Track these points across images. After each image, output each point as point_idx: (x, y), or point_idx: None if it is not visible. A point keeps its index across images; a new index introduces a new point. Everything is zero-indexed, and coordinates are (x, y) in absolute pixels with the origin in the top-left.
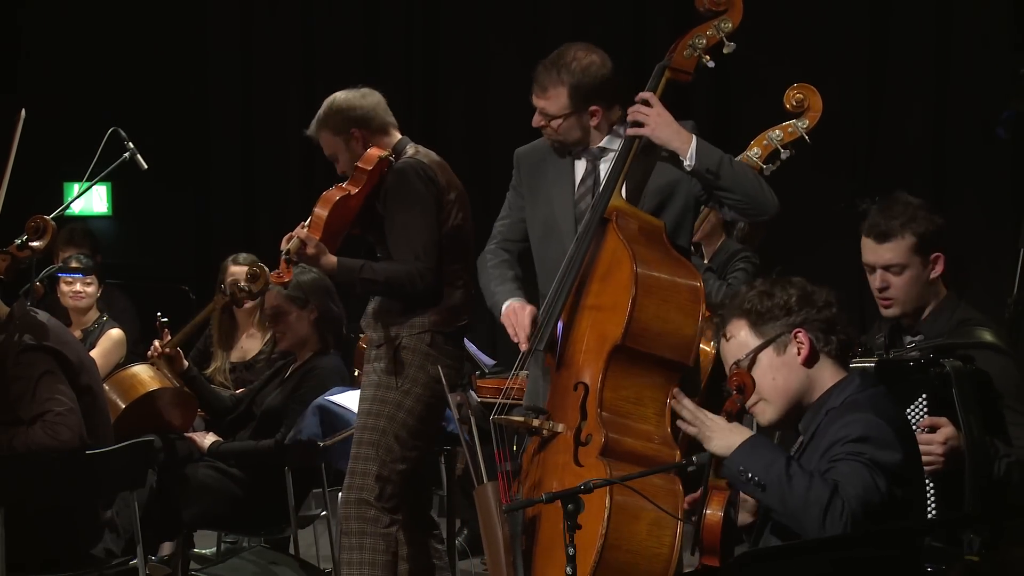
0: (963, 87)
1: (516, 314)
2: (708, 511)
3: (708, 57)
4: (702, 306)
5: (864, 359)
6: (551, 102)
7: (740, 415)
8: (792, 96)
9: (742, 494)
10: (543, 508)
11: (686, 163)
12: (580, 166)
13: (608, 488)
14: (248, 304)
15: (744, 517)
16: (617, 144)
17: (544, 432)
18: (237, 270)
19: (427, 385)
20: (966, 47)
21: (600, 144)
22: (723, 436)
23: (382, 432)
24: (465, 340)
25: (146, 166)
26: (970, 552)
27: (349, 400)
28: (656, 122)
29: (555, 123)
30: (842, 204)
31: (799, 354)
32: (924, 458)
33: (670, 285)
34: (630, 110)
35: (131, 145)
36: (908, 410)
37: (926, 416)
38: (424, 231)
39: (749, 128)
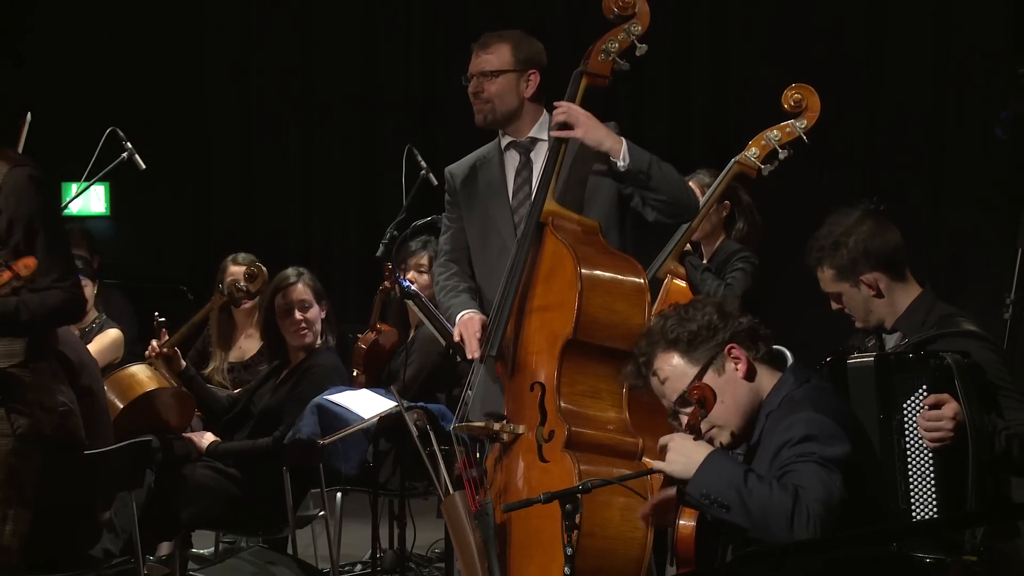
0: (961, 87)
1: (466, 326)
2: (681, 522)
3: (623, 61)
4: (647, 296)
5: (863, 355)
6: (493, 57)
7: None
8: (790, 96)
9: None
10: (515, 512)
11: (620, 164)
12: (511, 159)
13: (578, 478)
14: (246, 304)
15: None
16: (546, 135)
17: (505, 436)
18: (236, 270)
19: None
20: (964, 47)
21: (530, 134)
22: (683, 459)
23: None
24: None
25: (144, 166)
26: (972, 543)
27: (348, 399)
28: (587, 124)
29: (494, 84)
30: (840, 205)
31: (738, 369)
32: (934, 434)
33: (612, 278)
34: (555, 112)
35: (129, 145)
36: (908, 401)
37: (928, 396)
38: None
39: (747, 128)
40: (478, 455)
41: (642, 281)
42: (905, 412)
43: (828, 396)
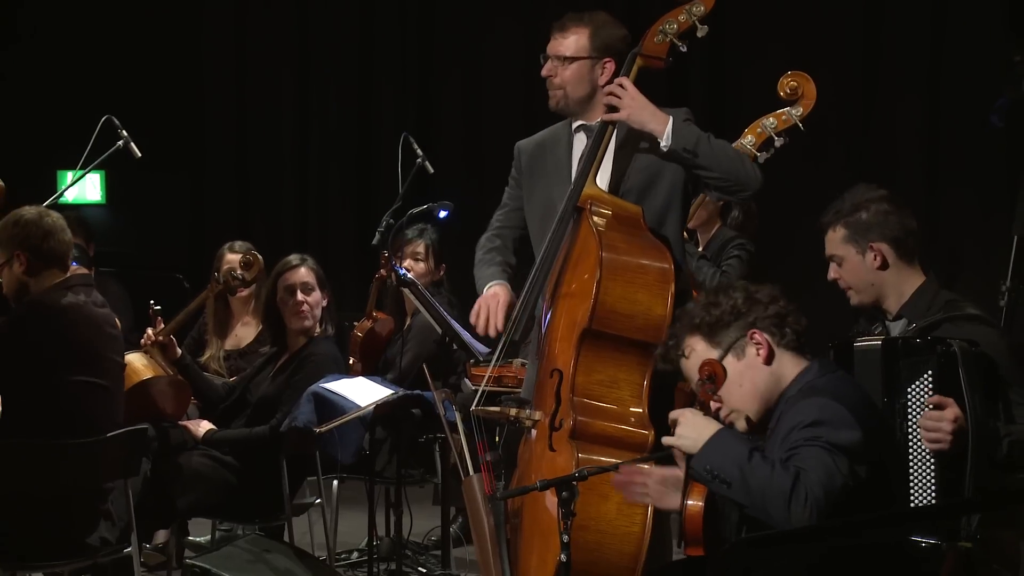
0: (957, 74)
1: (490, 300)
2: (689, 501)
3: (682, 42)
4: (671, 287)
5: (871, 339)
6: (570, 42)
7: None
8: (786, 84)
9: None
10: (524, 497)
11: (662, 144)
12: (579, 143)
13: (575, 468)
14: (242, 292)
15: None
16: None
17: (525, 422)
18: (232, 258)
19: None
20: (960, 34)
21: (601, 119)
22: (692, 433)
23: None
24: (458, 327)
25: (140, 154)
26: (968, 530)
27: (344, 387)
28: (631, 105)
29: (568, 69)
30: (837, 192)
31: (759, 354)
32: (931, 434)
33: (637, 267)
34: (604, 90)
35: (125, 133)
36: (912, 387)
37: (932, 394)
38: None
39: (743, 116)
40: (497, 439)
41: (668, 268)
42: (909, 397)
43: (849, 386)
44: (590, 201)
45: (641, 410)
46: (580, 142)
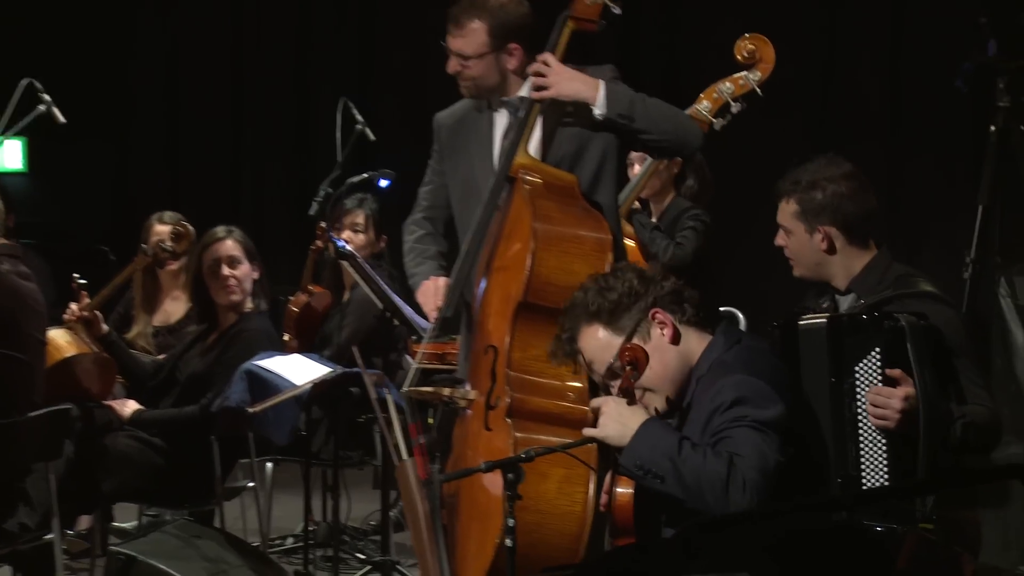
0: (920, 37)
1: (428, 290)
2: (618, 489)
3: (614, 3)
4: (608, 256)
5: (815, 316)
6: (468, 40)
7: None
8: (743, 47)
9: None
10: (460, 481)
11: (596, 112)
12: (501, 120)
13: (512, 447)
14: (172, 265)
15: None
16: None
17: (459, 401)
18: (161, 229)
19: None
20: None
21: (520, 93)
22: (617, 425)
23: None
24: (399, 301)
25: (63, 119)
26: (923, 512)
27: (279, 365)
28: (557, 80)
29: (472, 65)
30: (796, 160)
31: (664, 334)
32: (878, 411)
33: (572, 237)
34: (530, 68)
35: (47, 97)
36: (860, 365)
37: (881, 372)
38: None
39: (698, 80)
40: (430, 420)
41: (604, 238)
42: (857, 376)
43: (760, 356)
44: (522, 171)
45: (580, 384)
46: (501, 119)
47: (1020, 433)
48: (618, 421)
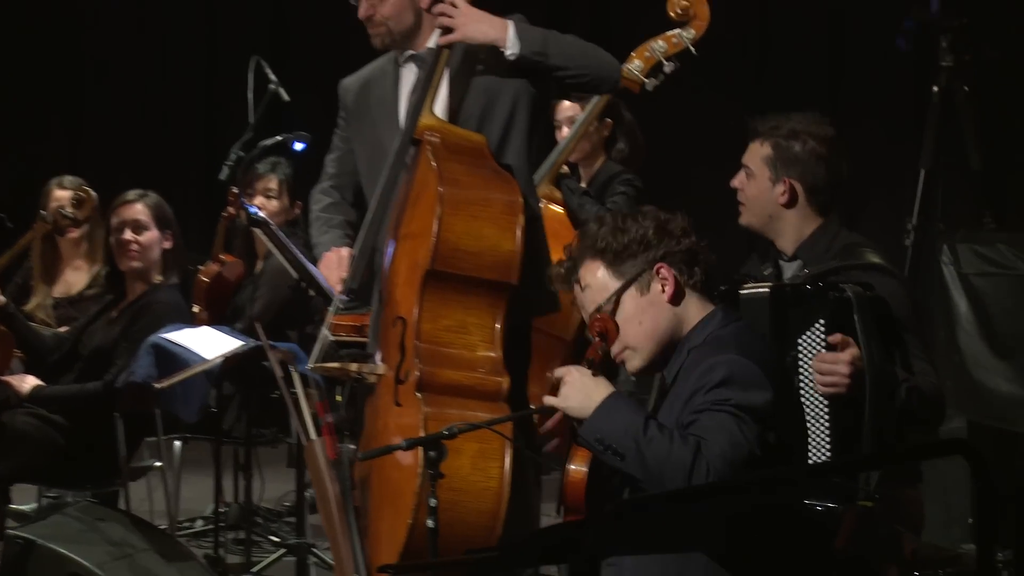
0: None
1: (331, 261)
2: (571, 466)
3: None
4: (519, 219)
5: (757, 285)
6: None
7: (604, 363)
8: (677, 3)
9: None
10: (371, 461)
11: (508, 52)
12: (408, 77)
13: (422, 423)
14: (73, 232)
15: None
16: None
17: (368, 377)
18: (61, 194)
19: None
20: None
21: (429, 44)
22: (580, 396)
23: None
24: (315, 271)
25: None
26: (866, 490)
27: (188, 338)
28: (464, 21)
29: (384, 5)
30: (731, 123)
31: (664, 291)
32: (826, 377)
33: (481, 200)
34: (434, 9)
35: None
36: (804, 337)
37: (825, 344)
38: None
39: (630, 38)
40: (339, 398)
41: (515, 200)
42: (800, 349)
43: (757, 340)
44: (427, 132)
45: (494, 355)
46: (409, 75)
47: (963, 407)
48: (581, 391)
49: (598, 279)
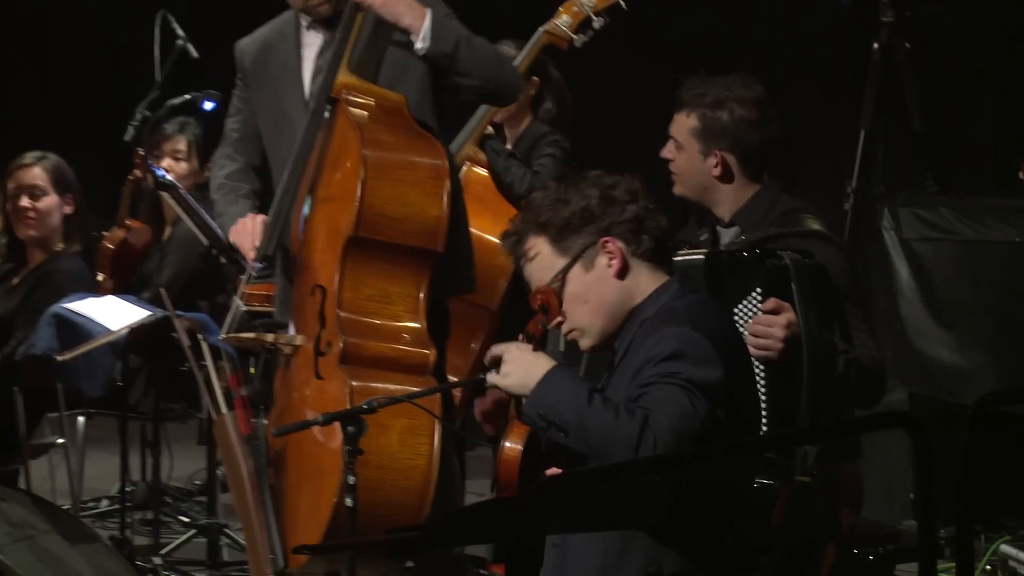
0: None
1: (245, 228)
2: (506, 444)
3: None
4: (446, 184)
5: (691, 252)
6: None
7: (544, 338)
8: None
9: None
10: (287, 436)
11: (418, 45)
12: (313, 39)
13: (348, 397)
14: None
15: None
16: None
17: (284, 349)
18: None
19: None
20: None
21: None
22: (521, 372)
23: None
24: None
25: None
26: (803, 465)
27: (92, 308)
28: None
29: None
30: (662, 81)
31: (610, 266)
32: (760, 340)
33: (406, 164)
34: None
35: None
36: (740, 306)
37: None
38: None
39: None
40: (252, 370)
41: (441, 164)
42: (737, 319)
43: (713, 313)
44: (345, 90)
45: (419, 326)
46: (313, 39)
47: (904, 378)
48: (521, 367)
49: (543, 256)
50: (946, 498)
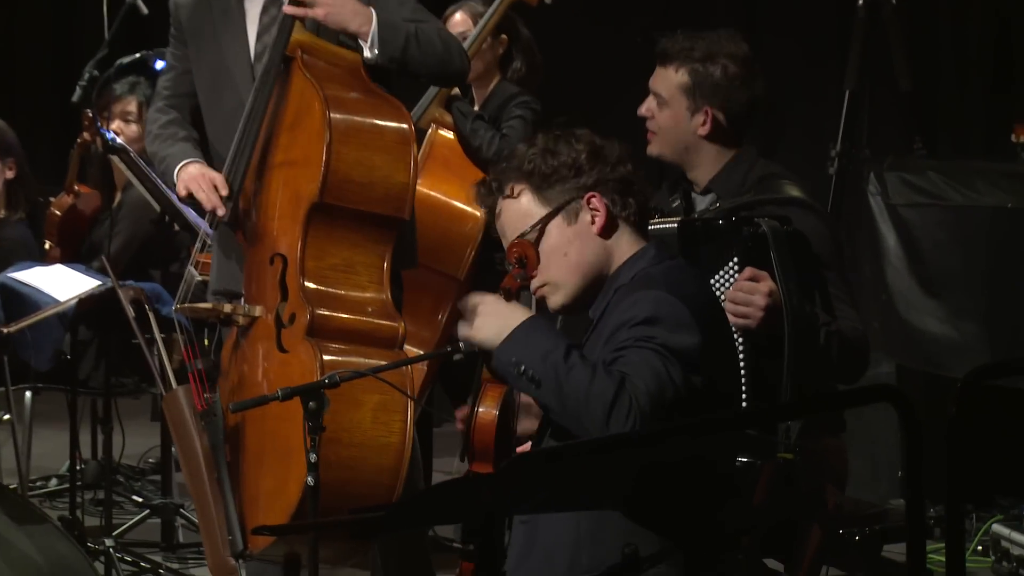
0: None
1: (196, 178)
2: (481, 408)
3: None
4: (412, 148)
5: (664, 220)
6: None
7: (520, 293)
8: None
9: (524, 396)
10: (244, 412)
11: (366, 54)
12: None
13: (319, 372)
14: None
15: (527, 424)
16: None
17: (240, 320)
18: None
19: None
20: None
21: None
22: (497, 322)
23: None
24: (181, 203)
25: None
26: (786, 442)
27: (38, 277)
28: (330, 4)
29: None
30: (638, 39)
31: (593, 223)
32: (740, 308)
33: (371, 127)
34: None
35: None
36: (717, 277)
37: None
38: None
39: None
40: (207, 343)
41: (406, 128)
42: (713, 289)
43: (690, 279)
44: (301, 49)
45: (385, 297)
46: None
47: (891, 350)
48: (498, 318)
49: (522, 204)
50: (935, 476)
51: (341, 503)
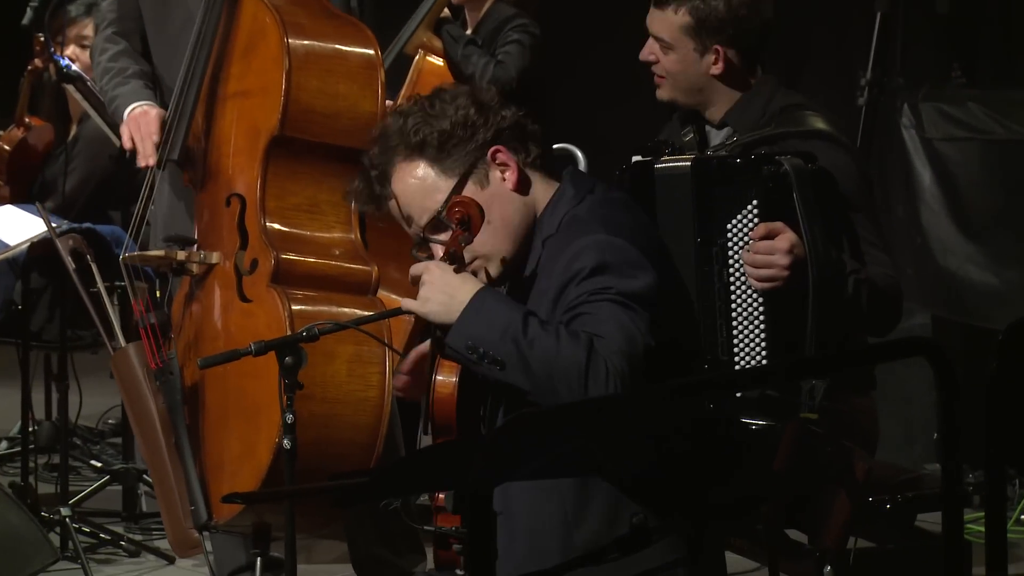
0: None
1: (137, 122)
2: (439, 378)
3: None
4: (379, 74)
5: (675, 159)
6: None
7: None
8: None
9: None
10: (210, 369)
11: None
12: None
13: (287, 322)
14: None
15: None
16: None
17: (194, 268)
18: None
19: None
20: None
21: None
22: (443, 296)
23: None
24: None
25: None
26: (810, 402)
27: None
28: None
29: None
30: None
31: (505, 179)
32: (761, 271)
33: (333, 53)
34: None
35: None
36: (734, 221)
37: (758, 225)
38: None
39: None
40: (158, 294)
41: (372, 53)
42: (730, 236)
43: (621, 210)
44: None
45: (354, 237)
46: None
47: (927, 299)
48: (444, 291)
49: (423, 182)
50: (974, 438)
51: (315, 465)
